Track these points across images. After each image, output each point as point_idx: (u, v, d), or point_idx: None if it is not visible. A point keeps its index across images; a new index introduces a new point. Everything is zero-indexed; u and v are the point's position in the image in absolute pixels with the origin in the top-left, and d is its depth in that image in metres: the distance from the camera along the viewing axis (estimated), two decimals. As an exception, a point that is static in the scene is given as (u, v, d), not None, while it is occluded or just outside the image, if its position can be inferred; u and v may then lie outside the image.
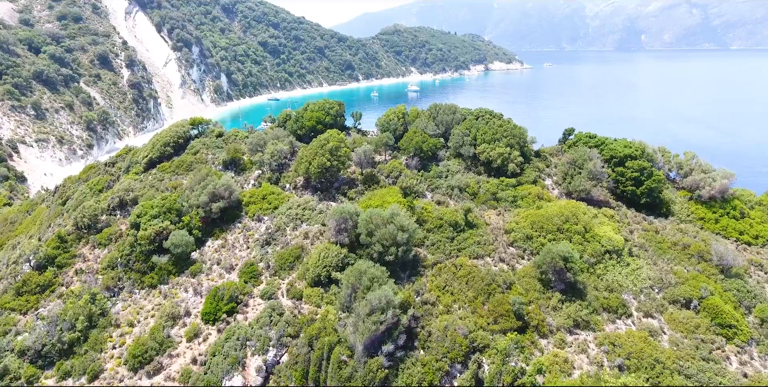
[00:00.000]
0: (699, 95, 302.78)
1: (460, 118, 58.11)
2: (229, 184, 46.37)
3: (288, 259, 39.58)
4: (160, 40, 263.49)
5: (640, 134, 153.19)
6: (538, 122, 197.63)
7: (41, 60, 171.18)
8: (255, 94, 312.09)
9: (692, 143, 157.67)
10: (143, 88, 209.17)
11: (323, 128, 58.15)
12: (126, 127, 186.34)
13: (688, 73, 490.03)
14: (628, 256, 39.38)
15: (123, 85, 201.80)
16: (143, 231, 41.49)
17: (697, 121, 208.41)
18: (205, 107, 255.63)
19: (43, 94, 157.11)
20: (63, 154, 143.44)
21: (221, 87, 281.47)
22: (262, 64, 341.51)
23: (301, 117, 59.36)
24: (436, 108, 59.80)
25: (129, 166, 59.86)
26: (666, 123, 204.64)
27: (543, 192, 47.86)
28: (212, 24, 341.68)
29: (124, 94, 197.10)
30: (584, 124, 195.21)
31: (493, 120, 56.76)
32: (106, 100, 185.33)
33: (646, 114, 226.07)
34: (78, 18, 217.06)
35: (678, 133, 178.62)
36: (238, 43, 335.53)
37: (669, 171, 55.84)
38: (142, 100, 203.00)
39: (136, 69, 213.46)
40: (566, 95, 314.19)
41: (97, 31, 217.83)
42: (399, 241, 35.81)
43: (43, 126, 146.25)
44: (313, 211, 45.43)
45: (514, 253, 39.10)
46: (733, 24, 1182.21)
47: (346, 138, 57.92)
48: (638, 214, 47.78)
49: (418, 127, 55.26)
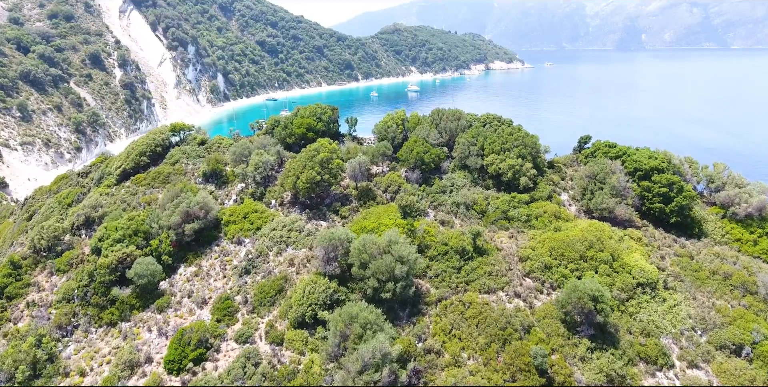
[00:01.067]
0: (704, 95, 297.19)
1: (465, 124, 52.66)
2: (205, 201, 40.95)
3: (269, 292, 34.17)
4: (154, 40, 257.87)
5: (647, 136, 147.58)
6: (543, 124, 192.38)
7: (30, 60, 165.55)
8: (252, 94, 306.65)
9: (702, 146, 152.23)
10: (136, 88, 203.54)
11: (314, 136, 52.72)
12: (118, 128, 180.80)
13: (691, 72, 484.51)
14: (663, 289, 33.95)
15: (115, 85, 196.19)
16: (104, 258, 36.07)
17: (705, 123, 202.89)
18: (200, 108, 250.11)
19: (30, 95, 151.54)
20: (49, 158, 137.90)
21: (218, 87, 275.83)
22: (260, 64, 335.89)
23: (291, 123, 53.88)
24: (438, 114, 54.35)
25: (101, 178, 54.41)
26: (673, 124, 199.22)
27: (560, 210, 42.43)
28: (209, 23, 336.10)
29: (116, 94, 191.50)
30: (590, 126, 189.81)
31: (502, 127, 51.31)
32: (97, 101, 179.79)
33: (652, 115, 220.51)
34: (70, 16, 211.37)
35: (687, 135, 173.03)
36: (236, 43, 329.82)
37: (697, 183, 50.38)
38: (134, 101, 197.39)
39: (129, 69, 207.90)
40: (569, 96, 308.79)
41: (89, 29, 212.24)
42: (397, 276, 30.41)
43: (29, 128, 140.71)
44: (300, 233, 40.02)
45: (532, 286, 33.66)
46: (734, 23, 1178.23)
47: (340, 147, 52.51)
48: (667, 235, 42.35)
49: (419, 136, 49.81)
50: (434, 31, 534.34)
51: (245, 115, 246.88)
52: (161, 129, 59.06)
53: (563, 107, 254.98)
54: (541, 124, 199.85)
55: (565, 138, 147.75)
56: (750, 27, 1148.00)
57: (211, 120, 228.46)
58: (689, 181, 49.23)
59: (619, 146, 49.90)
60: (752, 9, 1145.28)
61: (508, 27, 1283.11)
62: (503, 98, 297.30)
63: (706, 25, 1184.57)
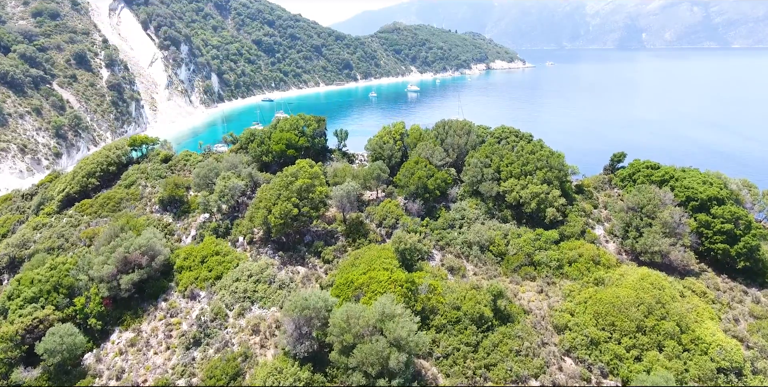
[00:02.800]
0: (713, 96, 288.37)
1: (476, 140, 43.90)
2: (150, 244, 32.19)
3: (221, 377, 25.46)
4: (146, 39, 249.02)
5: (664, 142, 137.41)
6: (550, 126, 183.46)
7: (9, 60, 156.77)
8: (248, 95, 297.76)
9: (724, 153, 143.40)
10: (124, 89, 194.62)
11: (295, 153, 43.99)
12: (103, 132, 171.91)
13: (696, 72, 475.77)
14: (751, 374, 25.29)
15: (102, 86, 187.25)
16: (7, 326, 27.36)
17: (718, 125, 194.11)
18: (193, 109, 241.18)
19: (6, 97, 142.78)
20: (24, 165, 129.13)
21: (211, 87, 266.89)
22: (256, 64, 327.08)
23: (268, 138, 45.06)
24: (444, 127, 45.54)
25: (41, 204, 45.67)
26: (686, 127, 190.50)
27: (599, 252, 33.69)
28: (204, 21, 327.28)
29: (102, 96, 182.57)
30: (600, 130, 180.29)
31: (521, 143, 42.53)
32: (81, 102, 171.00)
33: (663, 117, 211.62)
34: (55, 14, 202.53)
35: (704, 139, 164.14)
36: (231, 42, 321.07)
37: (758, 212, 41.68)
38: (122, 103, 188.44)
39: (116, 69, 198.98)
40: (575, 97, 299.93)
41: (75, 28, 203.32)
42: (392, 369, 21.74)
43: (4, 133, 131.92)
44: (270, 285, 31.33)
45: (575, 373, 24.94)
46: (734, 22, 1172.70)
47: (326, 166, 43.80)
48: (734, 285, 33.65)
49: (421, 155, 41.01)
50: (434, 30, 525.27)
51: (240, 116, 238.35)
52: (118, 143, 50.36)
53: (570, 109, 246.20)
54: (549, 126, 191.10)
55: (577, 142, 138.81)
56: (751, 26, 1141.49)
57: (204, 122, 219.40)
58: (750, 209, 40.52)
59: (663, 168, 41.16)
60: (753, 8, 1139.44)
61: (508, 26, 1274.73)
62: (506, 100, 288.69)
63: (706, 24, 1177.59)
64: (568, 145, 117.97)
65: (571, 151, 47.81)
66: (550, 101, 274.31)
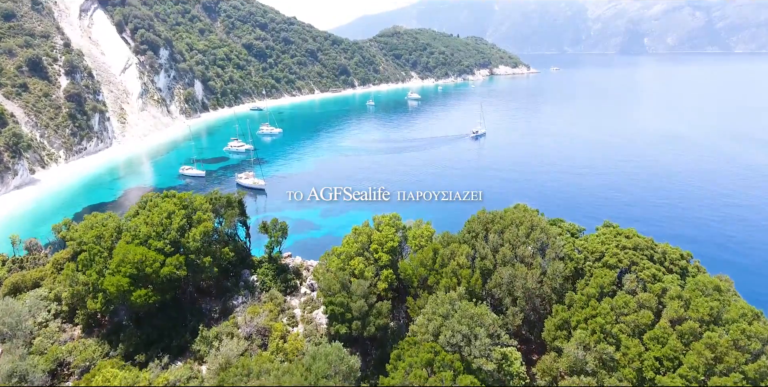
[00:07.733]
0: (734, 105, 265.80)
1: (560, 270, 20.48)
2: None
3: None
4: (120, 42, 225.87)
5: (711, 166, 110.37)
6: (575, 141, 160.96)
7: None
8: (236, 103, 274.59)
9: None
10: (86, 99, 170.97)
11: (151, 295, 20.31)
12: (55, 150, 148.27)
13: (707, 78, 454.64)
14: None
15: (58, 96, 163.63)
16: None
17: (750, 139, 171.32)
18: (171, 120, 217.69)
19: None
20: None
21: (194, 96, 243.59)
22: (246, 69, 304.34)
23: (97, 258, 20.83)
24: (484, 236, 21.99)
25: None
26: (716, 141, 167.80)
27: None
28: (190, 24, 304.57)
29: (57, 108, 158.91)
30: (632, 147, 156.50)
31: (671, 285, 19.11)
32: (30, 116, 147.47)
33: (692, 132, 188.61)
34: (10, 15, 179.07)
35: (746, 159, 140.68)
36: (219, 46, 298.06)
37: None
38: (81, 115, 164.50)
39: (78, 77, 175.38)
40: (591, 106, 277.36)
41: (33, 31, 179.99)
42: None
43: None
44: None
45: None
46: (737, 27, 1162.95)
47: (215, 327, 20.41)
48: None
49: (438, 329, 17.48)
50: (435, 35, 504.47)
51: (225, 127, 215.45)
52: None
53: (591, 120, 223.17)
54: (574, 141, 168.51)
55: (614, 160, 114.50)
56: (753, 31, 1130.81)
57: (184, 134, 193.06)
58: None
59: None
60: (755, 13, 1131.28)
61: (509, 30, 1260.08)
62: (515, 111, 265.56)
63: (708, 29, 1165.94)
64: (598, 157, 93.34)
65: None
66: (568, 112, 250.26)
